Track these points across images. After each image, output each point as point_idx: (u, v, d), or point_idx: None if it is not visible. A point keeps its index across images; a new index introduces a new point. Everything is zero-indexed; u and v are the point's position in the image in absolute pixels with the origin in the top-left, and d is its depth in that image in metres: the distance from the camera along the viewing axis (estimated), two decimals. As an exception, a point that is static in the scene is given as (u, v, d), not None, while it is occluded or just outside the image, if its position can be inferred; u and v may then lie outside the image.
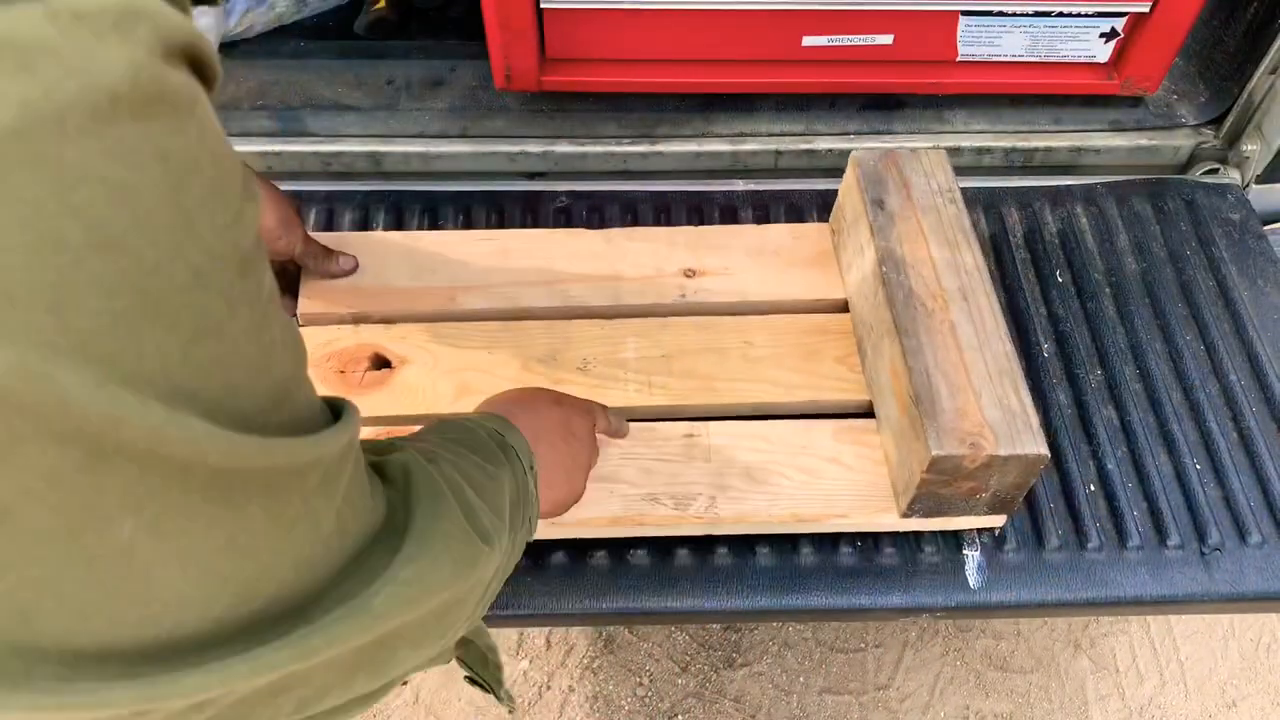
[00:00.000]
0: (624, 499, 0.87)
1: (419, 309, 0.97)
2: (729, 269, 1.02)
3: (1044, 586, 0.87)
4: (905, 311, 0.86)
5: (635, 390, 0.93)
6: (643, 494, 0.87)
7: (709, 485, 0.87)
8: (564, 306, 0.99)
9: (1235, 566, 0.88)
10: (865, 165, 0.97)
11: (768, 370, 0.95)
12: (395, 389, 0.92)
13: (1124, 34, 1.12)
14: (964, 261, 0.90)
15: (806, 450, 0.90)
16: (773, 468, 0.89)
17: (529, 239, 1.04)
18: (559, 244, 1.03)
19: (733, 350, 0.96)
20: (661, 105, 1.19)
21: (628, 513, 0.86)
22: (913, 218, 0.93)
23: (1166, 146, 1.18)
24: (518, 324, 0.97)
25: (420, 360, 0.94)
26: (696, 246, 1.03)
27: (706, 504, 0.87)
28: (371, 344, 0.94)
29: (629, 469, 0.88)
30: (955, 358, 0.83)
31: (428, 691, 1.41)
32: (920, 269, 0.89)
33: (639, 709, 1.40)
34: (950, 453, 0.78)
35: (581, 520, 0.86)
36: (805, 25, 1.10)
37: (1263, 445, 0.95)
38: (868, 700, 1.41)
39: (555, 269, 1.01)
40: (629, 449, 0.89)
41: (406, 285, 0.98)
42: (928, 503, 0.84)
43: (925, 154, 0.98)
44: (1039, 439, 0.79)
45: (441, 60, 1.23)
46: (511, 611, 0.85)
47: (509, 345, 0.95)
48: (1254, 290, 1.06)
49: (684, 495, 0.87)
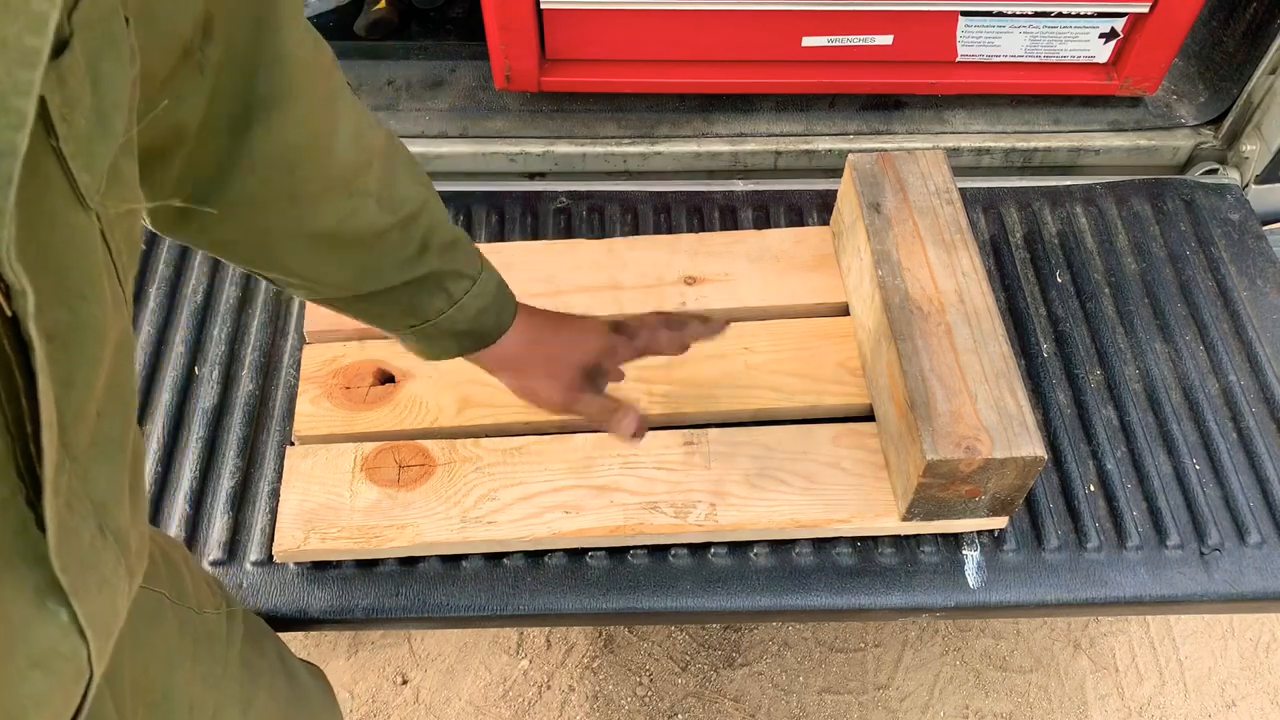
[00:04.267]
0: (624, 508, 0.87)
1: None
2: (730, 275, 1.02)
3: (1043, 586, 0.87)
4: (901, 315, 0.86)
5: (635, 399, 0.93)
6: (642, 503, 0.87)
7: (709, 493, 0.88)
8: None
9: (1234, 566, 0.88)
10: (861, 168, 0.97)
11: (768, 376, 0.95)
12: (399, 404, 0.93)
13: (1123, 34, 1.12)
14: (961, 263, 0.90)
15: (806, 455, 0.90)
16: (772, 474, 0.89)
17: (531, 251, 1.05)
18: (560, 254, 1.04)
19: (733, 356, 0.96)
20: (661, 105, 1.19)
21: (628, 522, 0.86)
22: (909, 220, 0.93)
23: (1166, 147, 1.18)
24: None
25: (423, 374, 0.94)
26: (697, 253, 1.03)
27: (707, 511, 0.87)
28: (376, 360, 0.95)
29: (629, 478, 0.88)
30: (951, 360, 0.83)
31: (428, 691, 1.41)
32: (916, 272, 0.89)
33: (639, 709, 1.40)
34: (946, 457, 0.78)
35: (582, 530, 0.86)
36: (805, 25, 1.10)
37: (1262, 445, 0.95)
38: (867, 700, 1.42)
39: (557, 280, 1.01)
40: (630, 457, 0.90)
41: None
42: (927, 506, 0.84)
43: (922, 154, 0.98)
44: (1036, 441, 0.79)
45: (441, 60, 1.23)
46: (511, 611, 0.86)
47: None
48: (1253, 290, 1.06)
49: (684, 503, 0.87)
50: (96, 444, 0.40)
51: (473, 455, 0.90)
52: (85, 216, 0.36)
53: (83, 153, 0.35)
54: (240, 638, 0.71)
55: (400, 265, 0.66)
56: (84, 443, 0.39)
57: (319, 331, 0.97)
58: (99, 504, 0.40)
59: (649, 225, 1.11)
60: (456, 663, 1.43)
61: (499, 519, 0.86)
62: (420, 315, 0.69)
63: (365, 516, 0.86)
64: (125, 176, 0.41)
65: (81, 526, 0.38)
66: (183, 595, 0.65)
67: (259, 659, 0.74)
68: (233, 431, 0.94)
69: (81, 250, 0.36)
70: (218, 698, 0.66)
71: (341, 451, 0.90)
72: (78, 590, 0.37)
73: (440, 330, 0.70)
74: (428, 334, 0.71)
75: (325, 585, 0.86)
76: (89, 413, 0.38)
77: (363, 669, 1.42)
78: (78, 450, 0.38)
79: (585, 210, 1.11)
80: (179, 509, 0.89)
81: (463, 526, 0.86)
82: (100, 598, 0.39)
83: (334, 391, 0.93)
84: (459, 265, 0.69)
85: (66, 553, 0.36)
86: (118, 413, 0.42)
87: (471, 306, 0.70)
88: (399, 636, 1.45)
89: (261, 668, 0.74)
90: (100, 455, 0.40)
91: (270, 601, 0.85)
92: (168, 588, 0.63)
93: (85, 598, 0.37)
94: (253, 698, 0.71)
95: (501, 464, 0.89)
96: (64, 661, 0.37)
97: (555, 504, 0.87)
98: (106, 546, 0.40)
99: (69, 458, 0.37)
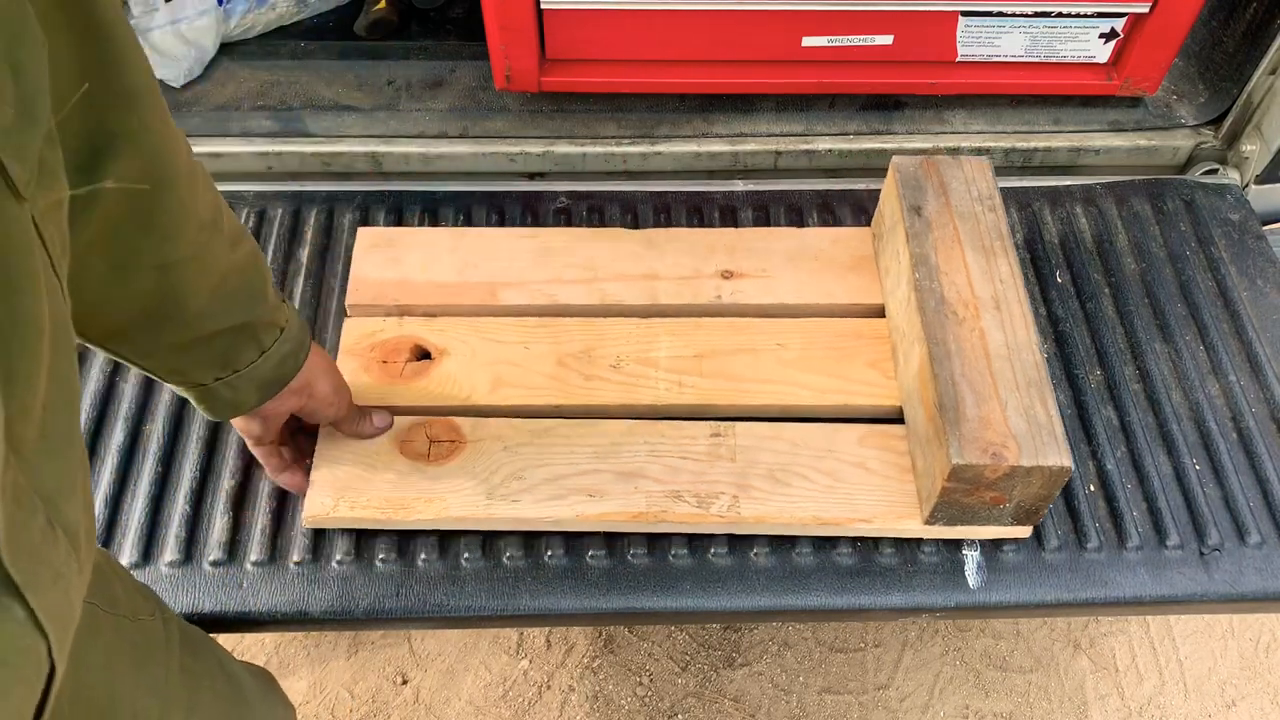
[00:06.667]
0: (648, 495, 0.87)
1: (461, 303, 0.99)
2: (766, 271, 1.02)
3: (1043, 586, 0.87)
4: (936, 318, 0.86)
5: (665, 388, 0.94)
6: (667, 491, 0.88)
7: (732, 485, 0.88)
8: (601, 304, 1.00)
9: (1234, 566, 0.88)
10: (904, 170, 0.97)
11: (799, 373, 0.95)
12: (434, 380, 0.94)
13: (1123, 34, 1.12)
14: (999, 269, 0.90)
15: (831, 454, 0.90)
16: (796, 470, 0.89)
17: (570, 237, 1.05)
18: (599, 243, 1.04)
19: (765, 352, 0.96)
20: (661, 105, 1.19)
21: (651, 509, 0.87)
22: (949, 224, 0.93)
23: (1166, 147, 1.18)
24: (555, 320, 0.99)
25: (459, 353, 0.96)
26: (735, 249, 1.04)
27: (729, 503, 0.87)
28: (413, 336, 0.96)
29: (654, 465, 0.89)
30: (983, 366, 0.83)
31: (428, 691, 1.41)
32: (954, 275, 0.89)
33: (639, 709, 1.40)
34: (971, 462, 0.78)
35: (605, 514, 0.86)
36: (805, 25, 1.10)
37: (1262, 445, 0.95)
38: (867, 700, 1.42)
39: (594, 267, 1.02)
40: (656, 444, 0.90)
41: (449, 280, 1.00)
42: (950, 511, 0.84)
43: (967, 160, 0.98)
44: (1064, 451, 0.78)
45: (441, 61, 1.23)
46: (511, 611, 0.86)
47: (545, 340, 0.97)
48: (1253, 290, 1.06)
49: (707, 494, 0.87)
50: (44, 437, 0.39)
51: (502, 434, 0.91)
52: (18, 208, 0.36)
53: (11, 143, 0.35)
54: (178, 643, 0.71)
55: (233, 308, 0.66)
56: (31, 437, 0.38)
57: (360, 305, 0.99)
58: (48, 498, 0.39)
59: (649, 226, 1.10)
60: (456, 663, 1.43)
61: (524, 498, 0.87)
62: (230, 366, 0.69)
63: (394, 488, 0.87)
64: (51, 166, 0.40)
65: (30, 521, 0.38)
66: (114, 603, 0.64)
67: (197, 663, 0.73)
68: (233, 432, 0.94)
69: (16, 243, 0.36)
70: (162, 704, 0.66)
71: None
72: (31, 585, 0.36)
73: (244, 381, 0.71)
74: (230, 387, 0.71)
75: (325, 585, 0.86)
76: (33, 407, 0.38)
77: (363, 669, 1.42)
78: (24, 445, 0.38)
79: (585, 210, 1.12)
80: (179, 509, 0.89)
81: (489, 504, 0.86)
82: (54, 591, 0.39)
83: (371, 365, 0.95)
84: (274, 315, 0.70)
85: (17, 548, 0.36)
86: (63, 405, 0.41)
87: (275, 355, 0.71)
88: (399, 636, 1.45)
89: (201, 671, 0.73)
90: (48, 449, 0.40)
91: (270, 601, 0.85)
92: (97, 597, 0.62)
93: (39, 592, 0.37)
94: (196, 702, 0.71)
95: (529, 444, 0.90)
96: (22, 656, 0.37)
97: (580, 487, 0.88)
98: (57, 540, 0.40)
99: (14, 453, 0.37)
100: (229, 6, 1.21)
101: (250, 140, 1.14)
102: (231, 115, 1.17)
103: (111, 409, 0.95)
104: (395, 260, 1.01)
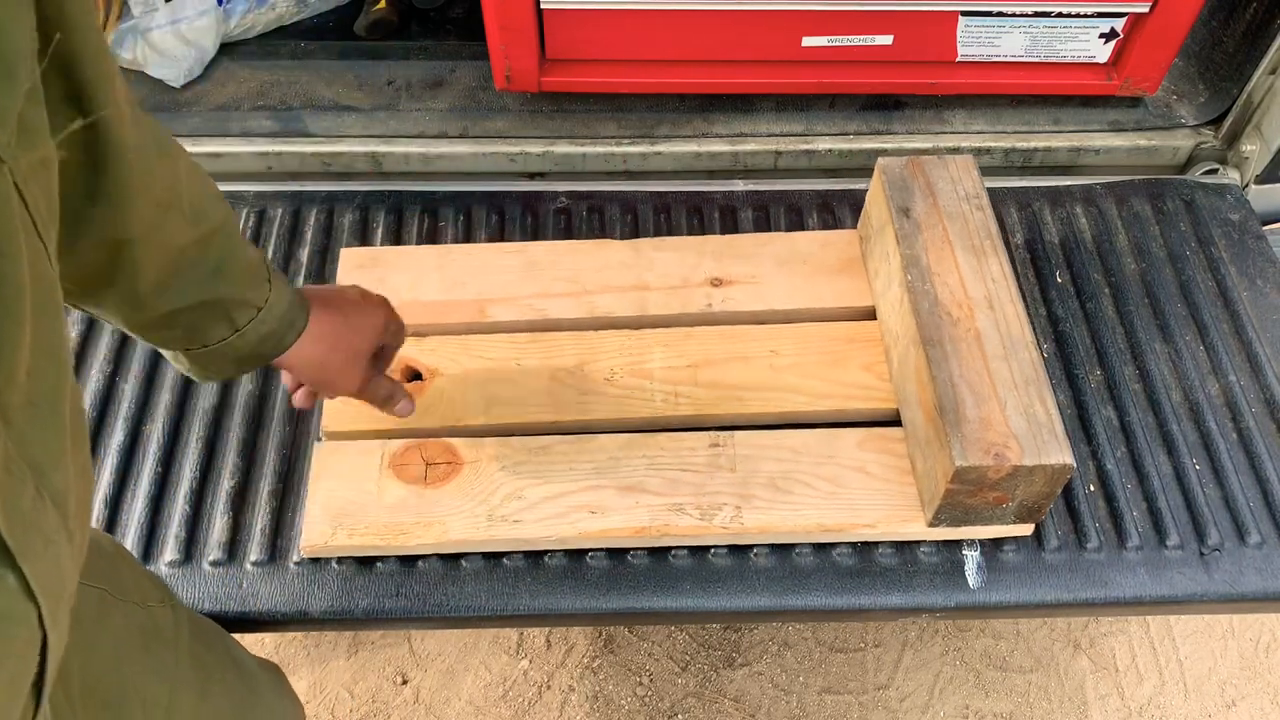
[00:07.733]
0: (650, 509, 0.87)
1: (449, 321, 0.99)
2: (756, 277, 1.02)
3: (1043, 587, 0.87)
4: (930, 320, 0.86)
5: (661, 401, 0.93)
6: (668, 504, 0.87)
7: (734, 495, 0.88)
8: (591, 318, 0.99)
9: (1234, 567, 0.88)
10: (890, 172, 0.97)
11: (793, 379, 0.95)
12: (427, 400, 0.93)
13: (1123, 34, 1.12)
14: (991, 269, 0.90)
15: (832, 459, 0.90)
16: (797, 477, 0.89)
17: (556, 250, 1.04)
18: (586, 254, 1.04)
19: (758, 359, 0.96)
20: (661, 105, 1.19)
21: (654, 523, 0.86)
22: (939, 225, 0.93)
23: (1166, 147, 1.18)
24: (546, 335, 0.98)
25: (451, 372, 0.95)
26: (724, 255, 1.03)
27: (732, 514, 0.87)
28: (404, 357, 0.95)
29: (654, 479, 0.88)
30: (981, 366, 0.83)
31: (428, 691, 1.41)
32: (946, 276, 0.89)
33: (639, 709, 1.40)
34: (975, 463, 0.78)
35: (608, 530, 0.86)
36: (805, 25, 1.10)
37: (1262, 446, 0.95)
38: (867, 700, 1.42)
39: (583, 280, 1.01)
40: (655, 457, 0.90)
41: (437, 299, 0.99)
42: (954, 512, 0.84)
43: (952, 160, 0.98)
44: (1065, 449, 0.78)
45: (441, 61, 1.23)
46: (511, 611, 0.86)
47: (537, 356, 0.96)
48: (1253, 290, 1.06)
49: (710, 506, 0.87)
50: (31, 404, 0.39)
51: (499, 454, 0.90)
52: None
53: None
54: (187, 631, 0.71)
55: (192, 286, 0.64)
56: (17, 403, 0.38)
57: None
58: (35, 466, 0.39)
59: (649, 225, 1.11)
60: (456, 663, 1.43)
61: (526, 518, 0.86)
62: (199, 340, 0.68)
63: (392, 513, 0.86)
64: (34, 125, 0.40)
65: (20, 489, 0.38)
66: (124, 590, 0.64)
67: (207, 653, 0.73)
68: (233, 431, 0.94)
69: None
70: (171, 689, 0.65)
71: (369, 448, 0.90)
72: (23, 552, 0.36)
73: (218, 354, 0.70)
74: (203, 358, 0.70)
75: (325, 585, 0.86)
76: (18, 373, 0.37)
77: (363, 669, 1.42)
78: (10, 412, 0.37)
79: (585, 210, 1.11)
80: (179, 509, 0.89)
81: (490, 525, 0.86)
82: (46, 558, 0.39)
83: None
84: (247, 295, 0.68)
85: (12, 516, 0.36)
86: (50, 371, 0.41)
87: (253, 334, 0.69)
88: (399, 636, 1.45)
89: (212, 662, 0.73)
90: (35, 416, 0.39)
91: (270, 601, 0.85)
92: (107, 582, 0.62)
93: (31, 559, 0.37)
94: (207, 690, 0.71)
95: (528, 463, 0.89)
96: (15, 624, 0.37)
97: (581, 504, 0.87)
98: (46, 509, 0.39)
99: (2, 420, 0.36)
100: (229, 6, 1.21)
101: (250, 140, 1.14)
102: (231, 115, 1.17)
103: (111, 409, 0.95)
104: (380, 281, 1.00)
